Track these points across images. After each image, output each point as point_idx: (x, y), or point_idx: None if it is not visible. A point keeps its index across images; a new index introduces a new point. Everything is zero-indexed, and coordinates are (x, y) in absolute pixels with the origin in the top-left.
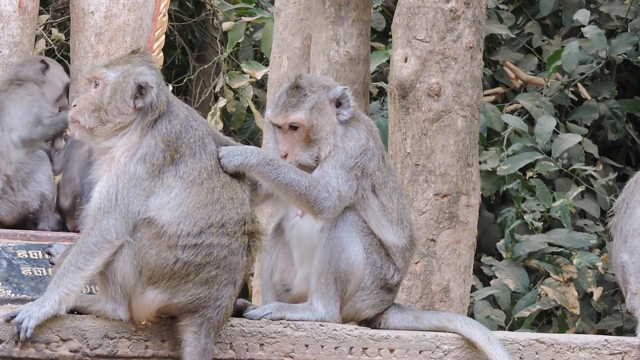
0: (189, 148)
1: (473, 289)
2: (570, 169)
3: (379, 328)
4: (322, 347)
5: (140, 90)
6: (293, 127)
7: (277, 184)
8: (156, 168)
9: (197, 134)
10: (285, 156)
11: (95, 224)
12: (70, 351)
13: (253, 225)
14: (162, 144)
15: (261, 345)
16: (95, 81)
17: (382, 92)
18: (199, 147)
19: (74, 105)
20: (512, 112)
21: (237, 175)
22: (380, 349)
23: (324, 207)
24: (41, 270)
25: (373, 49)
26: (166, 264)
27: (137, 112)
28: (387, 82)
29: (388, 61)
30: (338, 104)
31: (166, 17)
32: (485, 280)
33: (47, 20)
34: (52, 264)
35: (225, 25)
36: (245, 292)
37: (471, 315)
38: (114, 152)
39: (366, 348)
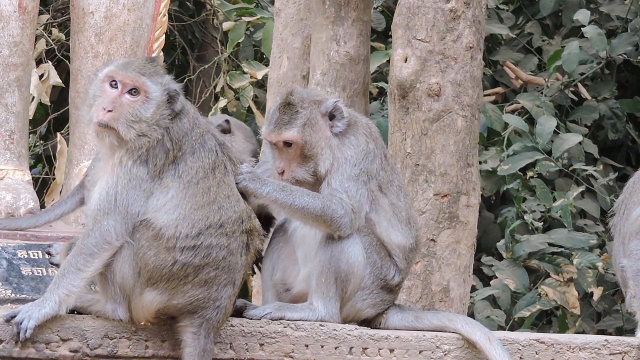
0: (191, 146)
1: (473, 289)
2: (570, 169)
3: (379, 328)
4: (322, 347)
5: (170, 99)
6: (287, 144)
7: (293, 209)
8: (157, 169)
9: (199, 131)
10: (282, 173)
11: (95, 225)
12: (70, 351)
13: (250, 223)
14: (170, 142)
15: (261, 345)
16: (134, 90)
17: (382, 92)
18: (199, 144)
19: (109, 111)
20: (512, 112)
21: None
22: (380, 349)
23: (341, 225)
24: (41, 270)
25: (373, 49)
26: (164, 265)
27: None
28: (387, 82)
29: (388, 61)
30: (331, 116)
31: (166, 17)
32: (486, 280)
33: (47, 20)
34: (52, 264)
35: (226, 25)
36: (245, 292)
37: (471, 315)
38: (122, 156)
39: (366, 348)
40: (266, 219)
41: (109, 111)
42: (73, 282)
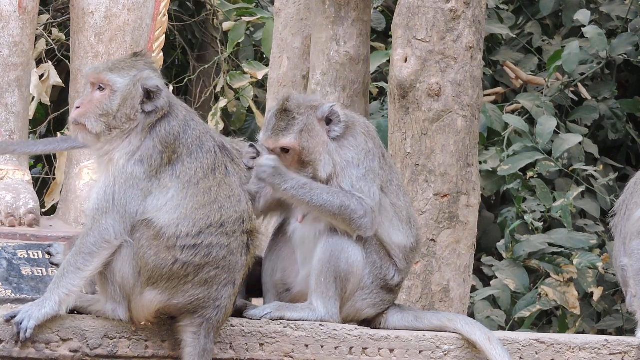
0: (187, 148)
1: (473, 289)
2: (570, 169)
3: (379, 328)
4: (322, 347)
5: (148, 94)
6: (285, 150)
7: (312, 206)
8: (154, 169)
9: (195, 134)
10: None
11: (93, 225)
12: (70, 351)
13: (251, 224)
14: (160, 145)
15: (261, 345)
16: (101, 85)
17: (382, 92)
18: (196, 146)
19: (77, 107)
20: (512, 112)
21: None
22: (380, 349)
23: (361, 225)
24: (41, 270)
25: (373, 49)
26: (165, 264)
27: (142, 115)
28: (387, 82)
29: (388, 61)
30: (328, 121)
31: (166, 17)
32: (486, 280)
33: (47, 20)
34: (52, 264)
35: (226, 25)
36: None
37: (471, 315)
38: (113, 154)
39: (366, 348)
40: None
41: (78, 108)
42: (73, 282)
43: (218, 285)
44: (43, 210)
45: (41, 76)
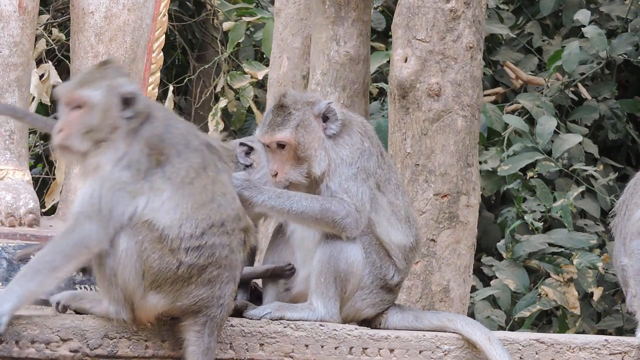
0: (174, 148)
1: (473, 289)
2: (570, 169)
3: (379, 328)
4: (322, 347)
5: (126, 101)
6: (281, 146)
7: (291, 215)
8: (142, 172)
9: (179, 132)
10: (275, 175)
11: (76, 227)
12: (70, 351)
13: (246, 221)
14: (147, 148)
15: (261, 345)
16: (76, 104)
17: (382, 92)
18: (183, 145)
19: (60, 131)
20: (512, 112)
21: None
22: (380, 349)
23: (345, 226)
24: None
25: (373, 49)
26: (169, 268)
27: (125, 121)
28: (387, 82)
29: (388, 61)
30: (325, 118)
31: (166, 17)
32: (486, 280)
33: (47, 20)
34: None
35: (226, 25)
36: None
37: (471, 315)
38: (100, 160)
39: (366, 348)
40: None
41: (60, 132)
42: (46, 280)
43: (221, 284)
44: (43, 210)
45: (41, 76)
